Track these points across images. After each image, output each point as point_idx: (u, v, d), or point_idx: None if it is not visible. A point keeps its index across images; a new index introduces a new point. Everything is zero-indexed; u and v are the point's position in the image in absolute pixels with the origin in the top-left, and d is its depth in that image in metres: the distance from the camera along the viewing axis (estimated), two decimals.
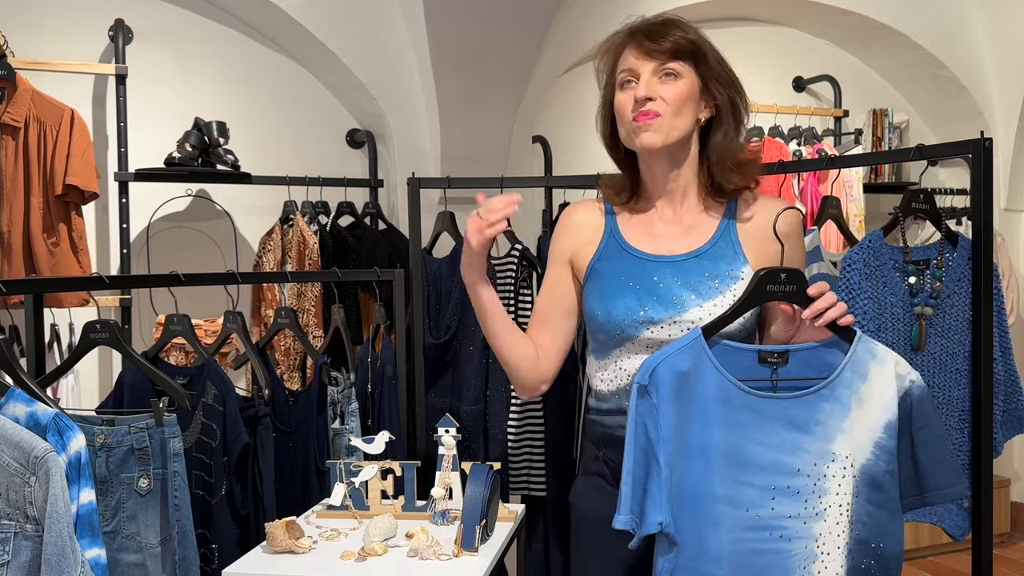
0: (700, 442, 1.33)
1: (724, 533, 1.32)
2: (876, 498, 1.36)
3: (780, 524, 1.34)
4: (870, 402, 1.36)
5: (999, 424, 1.93)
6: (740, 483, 1.33)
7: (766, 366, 1.35)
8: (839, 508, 1.35)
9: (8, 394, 1.36)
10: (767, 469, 1.34)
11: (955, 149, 1.99)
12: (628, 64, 1.50)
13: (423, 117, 3.19)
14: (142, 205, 2.98)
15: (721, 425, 1.33)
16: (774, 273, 1.37)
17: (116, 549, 1.65)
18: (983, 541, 1.81)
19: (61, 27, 3.04)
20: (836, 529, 1.35)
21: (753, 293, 1.37)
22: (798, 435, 1.34)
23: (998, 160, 4.15)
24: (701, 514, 1.32)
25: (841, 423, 1.35)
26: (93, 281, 1.90)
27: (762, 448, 1.34)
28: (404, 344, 2.25)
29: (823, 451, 1.34)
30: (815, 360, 1.36)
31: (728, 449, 1.33)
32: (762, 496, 1.34)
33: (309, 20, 3.10)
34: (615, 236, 1.57)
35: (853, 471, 1.35)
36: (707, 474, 1.33)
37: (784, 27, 4.14)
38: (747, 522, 1.33)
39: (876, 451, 1.36)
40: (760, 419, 1.34)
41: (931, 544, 3.98)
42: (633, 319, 1.48)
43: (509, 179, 2.46)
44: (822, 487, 1.34)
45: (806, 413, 1.34)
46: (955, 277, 1.87)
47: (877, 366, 1.36)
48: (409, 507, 1.80)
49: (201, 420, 1.86)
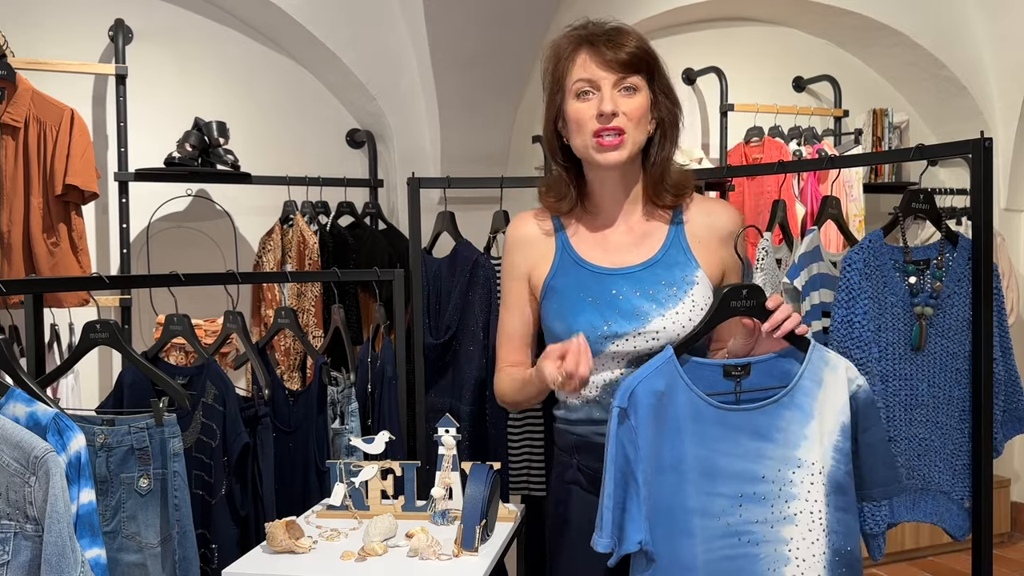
0: (671, 458, 1.37)
1: (698, 544, 1.36)
2: (842, 503, 1.42)
3: (748, 529, 1.39)
4: (827, 408, 1.42)
5: (999, 424, 1.92)
6: (711, 494, 1.38)
7: (730, 379, 1.41)
8: (810, 515, 1.40)
9: (8, 394, 1.36)
10: (735, 478, 1.39)
11: (955, 149, 1.99)
12: (587, 73, 1.49)
13: (423, 117, 3.19)
14: (142, 205, 2.98)
15: (693, 440, 1.38)
16: (736, 290, 1.43)
17: (116, 549, 1.64)
18: (983, 541, 1.81)
19: (61, 27, 3.04)
20: (810, 536, 1.39)
21: (719, 310, 1.43)
22: (761, 443, 1.40)
23: (998, 160, 4.15)
24: (675, 527, 1.36)
25: (803, 429, 1.40)
26: (93, 281, 1.90)
27: (730, 458, 1.39)
28: (404, 344, 2.25)
29: (786, 457, 1.40)
30: (775, 370, 1.42)
31: (700, 463, 1.38)
32: (731, 504, 1.38)
33: (309, 20, 3.10)
34: (568, 251, 1.58)
35: (823, 480, 1.40)
36: (680, 488, 1.37)
37: (784, 27, 4.14)
38: (718, 530, 1.38)
39: (836, 455, 1.42)
40: (727, 431, 1.39)
41: (931, 544, 3.98)
42: (597, 335, 1.48)
43: (509, 179, 2.46)
44: (788, 492, 1.40)
45: (768, 422, 1.40)
46: (955, 277, 1.87)
47: (830, 372, 1.43)
48: (409, 507, 1.80)
49: (201, 420, 1.86)
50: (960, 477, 1.88)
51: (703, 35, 3.89)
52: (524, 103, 3.25)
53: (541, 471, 2.35)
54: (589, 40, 1.50)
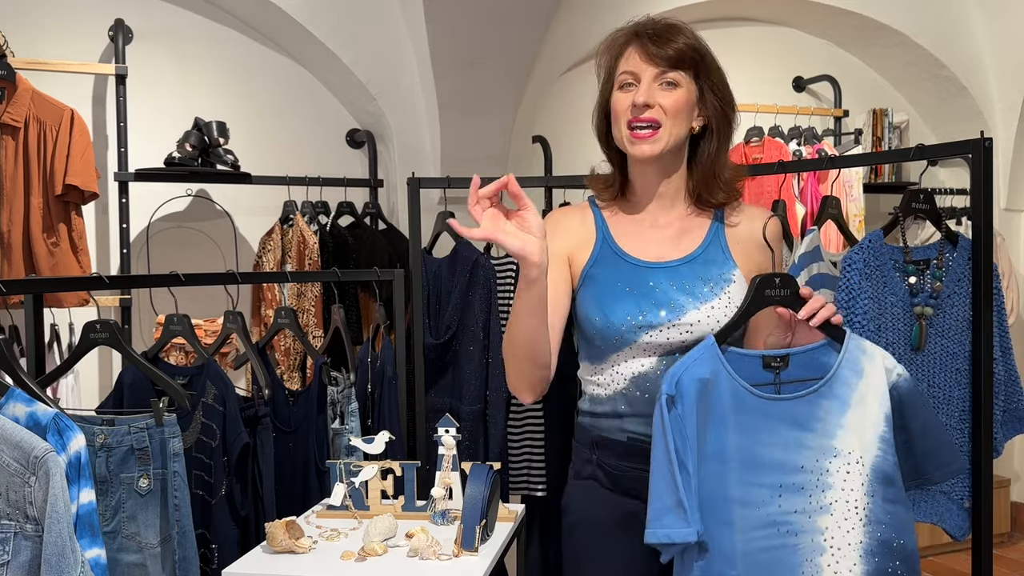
0: (715, 447, 1.37)
1: (737, 533, 1.36)
2: (891, 494, 1.40)
3: (786, 520, 1.38)
4: (869, 398, 1.41)
5: (999, 424, 1.92)
6: (751, 484, 1.38)
7: (769, 370, 1.41)
8: (846, 504, 1.38)
9: (8, 394, 1.36)
10: (775, 468, 1.38)
11: (955, 149, 1.99)
12: (630, 66, 1.51)
13: (423, 117, 3.19)
14: (142, 205, 2.98)
15: (735, 429, 1.38)
16: (769, 279, 1.43)
17: (116, 549, 1.64)
18: (983, 541, 1.81)
19: (61, 27, 3.04)
20: (845, 525, 1.38)
21: (754, 299, 1.43)
22: (800, 433, 1.39)
23: (998, 160, 4.15)
24: (716, 516, 1.36)
25: (840, 419, 1.40)
26: (93, 281, 1.90)
27: (771, 448, 1.39)
28: (404, 344, 2.25)
29: (824, 447, 1.39)
30: (812, 362, 1.42)
31: (742, 452, 1.38)
32: (771, 494, 1.38)
33: (309, 20, 3.10)
34: (608, 242, 1.58)
35: (863, 470, 1.39)
36: (723, 477, 1.37)
37: (784, 27, 4.14)
38: (757, 521, 1.37)
39: (882, 446, 1.40)
40: (767, 421, 1.39)
41: (931, 544, 3.98)
42: (632, 324, 1.48)
43: None
44: (825, 482, 1.39)
45: (807, 411, 1.40)
46: (955, 277, 1.87)
47: (868, 362, 1.42)
48: (409, 507, 1.80)
49: (201, 420, 1.86)
50: (960, 477, 1.88)
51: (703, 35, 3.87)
52: (524, 103, 3.25)
53: (541, 471, 2.35)
54: (637, 34, 1.52)
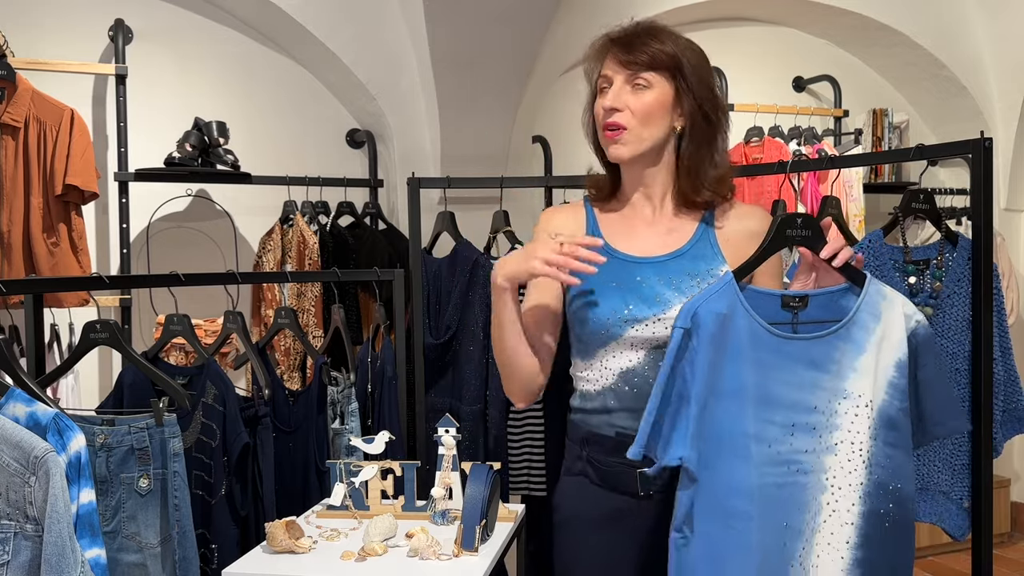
0: (733, 383, 1.37)
1: (753, 468, 1.36)
2: (893, 438, 1.40)
3: (797, 459, 1.38)
4: (884, 343, 1.40)
5: (999, 424, 1.92)
6: (765, 421, 1.37)
7: (788, 310, 1.40)
8: (851, 445, 1.39)
9: (8, 394, 1.36)
10: (788, 407, 1.38)
11: (955, 149, 1.99)
12: (607, 70, 1.53)
13: (423, 117, 3.19)
14: (142, 205, 2.98)
15: (752, 366, 1.37)
16: (791, 218, 1.43)
17: (116, 549, 1.64)
18: (983, 541, 1.81)
19: (61, 27, 3.04)
20: (848, 466, 1.39)
21: (774, 239, 1.43)
22: (816, 373, 1.39)
23: (998, 160, 4.15)
24: (733, 451, 1.36)
25: (854, 362, 1.39)
26: (93, 281, 1.90)
27: (785, 387, 1.38)
28: (404, 344, 2.26)
29: (836, 388, 1.39)
30: (832, 304, 1.41)
31: (757, 389, 1.37)
32: (783, 432, 1.38)
33: (309, 20, 3.10)
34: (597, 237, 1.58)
35: (871, 414, 1.39)
36: (740, 413, 1.36)
37: (784, 27, 4.14)
38: (769, 457, 1.37)
39: (890, 391, 1.40)
40: (783, 360, 1.38)
41: (931, 544, 3.98)
42: (617, 318, 1.49)
43: (509, 179, 2.47)
44: (834, 423, 1.39)
45: (824, 352, 1.39)
46: (955, 277, 1.87)
47: (888, 307, 1.41)
48: (409, 507, 1.80)
49: (201, 420, 1.86)
50: (959, 477, 1.88)
51: (703, 35, 3.88)
52: (524, 103, 3.25)
53: (541, 471, 2.35)
54: (613, 39, 1.54)
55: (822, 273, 1.44)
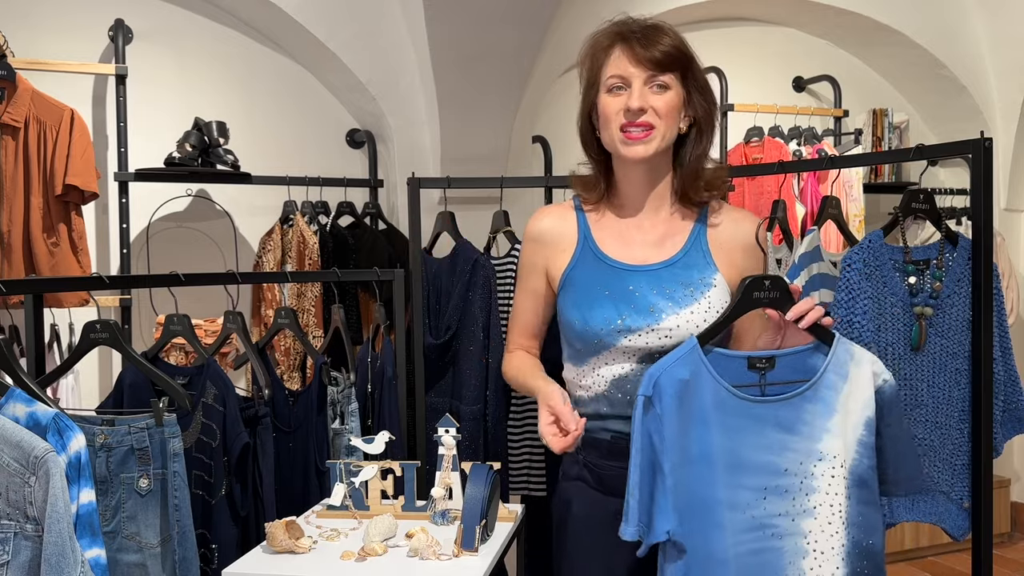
0: (700, 448, 1.37)
1: (728, 536, 1.36)
2: (864, 496, 1.41)
3: (772, 523, 1.38)
4: (853, 403, 1.41)
5: (999, 424, 1.92)
6: (737, 487, 1.37)
7: (755, 371, 1.40)
8: (830, 508, 1.39)
9: (8, 394, 1.36)
10: (759, 471, 1.38)
11: (955, 149, 1.99)
12: (619, 69, 1.51)
13: (423, 117, 3.19)
14: (142, 205, 2.98)
15: (719, 431, 1.37)
16: (758, 281, 1.42)
17: (116, 549, 1.64)
18: (983, 541, 1.81)
19: (61, 27, 3.04)
20: (829, 529, 1.39)
21: (741, 300, 1.42)
22: (785, 436, 1.39)
23: (998, 160, 4.15)
24: (707, 519, 1.36)
25: (826, 423, 1.39)
26: (93, 281, 1.90)
27: (755, 451, 1.38)
28: (404, 344, 2.25)
29: (809, 450, 1.39)
30: (799, 364, 1.41)
31: (726, 454, 1.38)
32: (755, 497, 1.38)
33: (309, 20, 3.10)
34: (589, 244, 1.60)
35: (845, 473, 1.39)
36: (711, 479, 1.36)
37: (784, 27, 4.13)
38: (744, 523, 1.37)
39: (860, 449, 1.41)
40: (752, 423, 1.39)
41: (931, 544, 3.98)
42: (611, 328, 1.50)
43: (509, 179, 2.46)
44: (809, 485, 1.39)
45: (792, 414, 1.39)
46: (955, 277, 1.87)
47: (855, 367, 1.42)
48: (409, 507, 1.80)
49: (201, 420, 1.86)
50: (959, 477, 1.88)
51: (703, 35, 3.89)
52: (524, 103, 3.25)
53: (541, 471, 2.35)
54: (624, 36, 1.52)
55: (791, 332, 1.43)
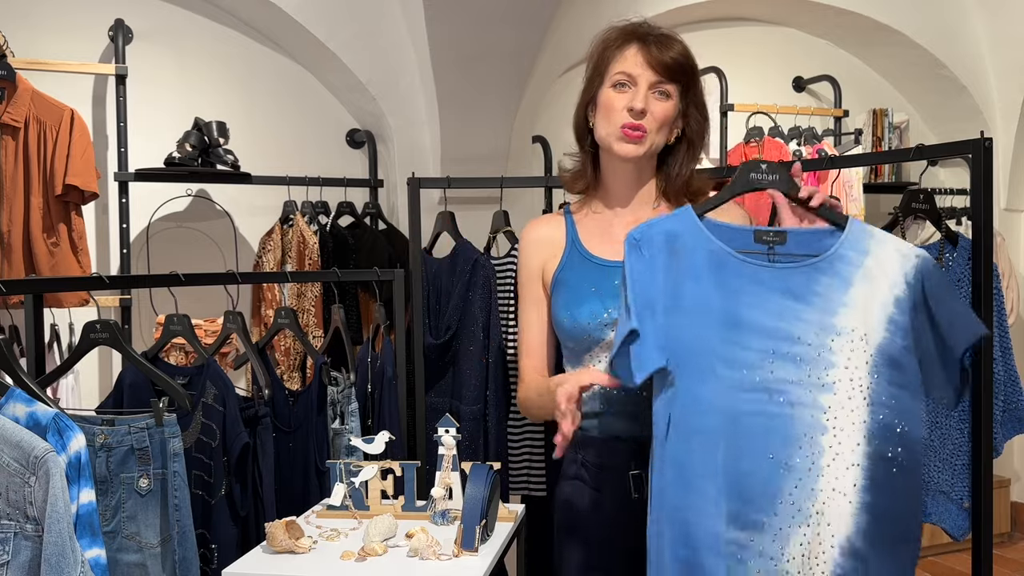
0: (694, 299, 1.29)
1: (721, 390, 1.28)
2: (897, 378, 1.31)
3: (781, 388, 1.28)
4: (877, 278, 1.32)
5: (999, 424, 1.92)
6: (736, 344, 1.29)
7: (762, 243, 1.32)
8: (851, 384, 1.29)
9: (8, 394, 1.36)
10: (765, 334, 1.29)
11: (955, 149, 1.99)
12: (628, 67, 1.53)
13: (423, 117, 3.19)
14: (142, 205, 2.98)
15: (714, 289, 1.30)
16: (755, 163, 1.35)
17: (116, 549, 1.64)
18: (983, 541, 1.81)
19: (61, 27, 3.04)
20: (849, 404, 1.29)
21: (736, 182, 1.35)
22: (795, 304, 1.30)
23: (998, 160, 4.15)
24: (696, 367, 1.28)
25: (843, 296, 1.30)
26: (93, 281, 1.90)
27: (759, 312, 1.29)
28: (404, 344, 2.25)
29: (824, 323, 1.30)
30: (813, 241, 1.33)
31: (722, 312, 1.29)
32: (760, 358, 1.29)
33: (309, 20, 3.10)
34: (576, 246, 1.62)
35: (868, 348, 1.30)
36: (703, 331, 1.28)
37: (784, 27, 4.13)
38: (745, 383, 1.28)
39: (890, 327, 1.31)
40: (755, 286, 1.30)
41: (931, 544, 3.98)
42: (598, 322, 1.52)
43: (509, 179, 2.46)
44: (827, 359, 1.29)
45: (803, 283, 1.30)
46: (955, 277, 1.87)
47: (876, 244, 1.33)
48: (409, 507, 1.80)
49: (201, 420, 1.86)
50: (959, 477, 1.88)
51: (703, 35, 3.89)
52: (524, 103, 3.25)
53: (541, 471, 2.35)
54: (641, 37, 1.54)
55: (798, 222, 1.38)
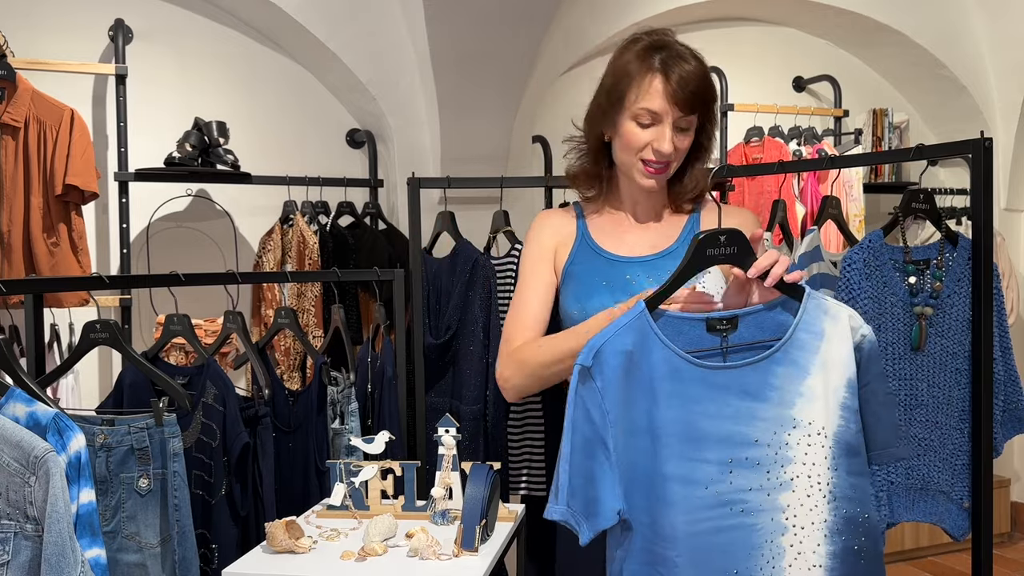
0: (646, 421, 1.25)
1: (680, 514, 1.24)
2: (856, 466, 1.28)
3: (741, 498, 1.25)
4: (830, 362, 1.27)
5: (999, 424, 1.92)
6: (695, 460, 1.25)
7: (715, 334, 1.27)
8: (808, 479, 1.26)
9: (8, 394, 1.36)
10: (722, 442, 1.25)
11: (955, 149, 1.99)
12: (652, 104, 1.52)
13: (423, 117, 3.19)
14: (142, 205, 2.97)
15: (670, 402, 1.25)
16: (714, 236, 1.28)
17: (116, 549, 1.64)
18: (983, 541, 1.81)
19: (61, 27, 3.03)
20: (808, 502, 1.26)
21: (693, 258, 1.28)
22: (752, 403, 1.26)
23: (998, 160, 4.15)
24: (652, 494, 1.25)
25: (798, 386, 1.26)
26: (93, 281, 1.90)
27: (716, 421, 1.25)
28: (404, 344, 2.25)
29: (781, 417, 1.26)
30: (767, 322, 1.28)
31: (679, 427, 1.25)
32: (720, 471, 1.25)
33: (309, 20, 3.10)
34: (586, 240, 1.66)
35: (826, 443, 1.26)
36: (655, 453, 1.24)
37: (784, 27, 4.13)
38: (706, 500, 1.25)
39: (844, 414, 1.27)
40: (711, 391, 1.26)
41: (931, 544, 3.98)
42: None
43: (509, 179, 2.46)
44: (784, 455, 1.26)
45: (760, 379, 1.26)
46: (955, 277, 1.87)
47: (831, 322, 1.28)
48: (409, 507, 1.80)
49: (201, 420, 1.86)
50: (959, 477, 1.88)
51: (703, 35, 3.88)
52: (524, 103, 3.25)
53: (541, 471, 2.35)
54: (665, 69, 1.52)
55: (760, 290, 1.32)
